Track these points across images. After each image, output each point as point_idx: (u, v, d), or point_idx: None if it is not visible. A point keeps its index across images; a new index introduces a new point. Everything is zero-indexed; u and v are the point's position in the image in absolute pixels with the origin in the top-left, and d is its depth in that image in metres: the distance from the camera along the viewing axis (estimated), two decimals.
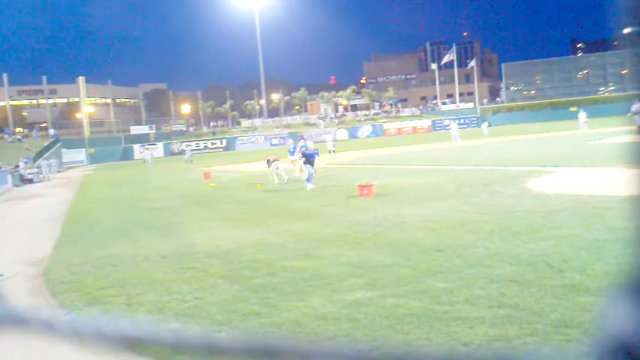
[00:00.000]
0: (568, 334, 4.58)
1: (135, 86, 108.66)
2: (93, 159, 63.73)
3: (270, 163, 20.80)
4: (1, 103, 77.97)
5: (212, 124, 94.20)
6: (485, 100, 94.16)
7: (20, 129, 75.53)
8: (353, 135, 72.76)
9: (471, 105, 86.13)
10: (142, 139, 71.98)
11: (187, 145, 61.73)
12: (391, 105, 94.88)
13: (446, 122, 69.02)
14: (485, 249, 7.68)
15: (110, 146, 68.60)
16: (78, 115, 77.16)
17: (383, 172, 21.60)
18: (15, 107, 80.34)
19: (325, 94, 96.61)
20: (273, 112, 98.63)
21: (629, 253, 0.54)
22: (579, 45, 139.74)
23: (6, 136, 64.00)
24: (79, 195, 24.71)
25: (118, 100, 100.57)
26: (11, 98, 78.67)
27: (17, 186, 33.90)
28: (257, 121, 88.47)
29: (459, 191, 14.12)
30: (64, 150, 61.62)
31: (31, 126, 76.51)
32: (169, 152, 67.96)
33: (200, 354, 0.66)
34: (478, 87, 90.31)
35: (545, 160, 19.65)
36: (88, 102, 79.62)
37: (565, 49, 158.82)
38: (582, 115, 41.19)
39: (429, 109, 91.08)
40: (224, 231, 11.37)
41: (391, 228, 10.02)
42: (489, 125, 56.20)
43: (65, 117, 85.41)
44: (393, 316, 5.41)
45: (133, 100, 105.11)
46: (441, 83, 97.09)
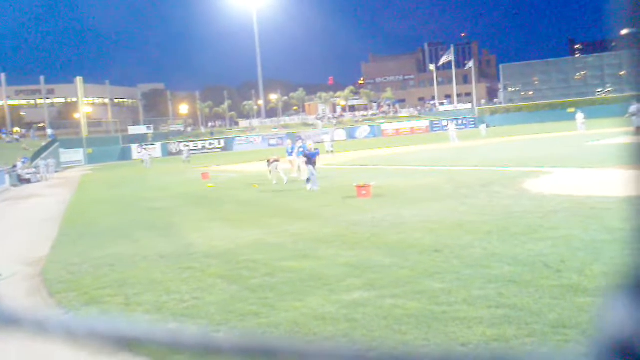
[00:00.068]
0: (566, 334, 4.59)
1: (133, 86, 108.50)
2: (91, 159, 63.70)
3: (270, 163, 20.79)
4: None
5: (210, 124, 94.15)
6: (483, 101, 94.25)
7: (18, 129, 75.38)
8: (351, 135, 72.82)
9: (469, 106, 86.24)
10: (140, 139, 71.95)
11: (185, 145, 61.72)
12: (389, 105, 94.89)
13: (444, 123, 69.13)
14: (483, 250, 7.69)
15: (108, 146, 68.57)
16: (76, 115, 77.07)
17: (381, 173, 21.61)
18: (13, 107, 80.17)
19: (323, 95, 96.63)
20: (271, 113, 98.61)
21: (627, 254, 0.54)
22: (577, 46, 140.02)
23: (4, 136, 63.86)
24: (77, 195, 24.68)
25: (116, 100, 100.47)
26: (9, 98, 78.44)
27: (15, 186, 33.85)
28: (255, 121, 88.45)
29: (457, 192, 14.14)
30: (62, 150, 61.57)
31: (29, 126, 76.40)
32: (167, 152, 67.95)
33: (197, 354, 0.66)
34: (476, 88, 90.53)
35: (543, 161, 19.68)
36: (86, 102, 79.58)
37: (563, 50, 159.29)
38: (580, 116, 41.25)
39: (427, 110, 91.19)
40: (222, 231, 11.37)
41: (389, 228, 10.03)
42: (487, 126, 56.27)
43: (63, 117, 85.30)
44: (391, 316, 5.41)
45: (131, 100, 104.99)
46: (439, 84, 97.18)
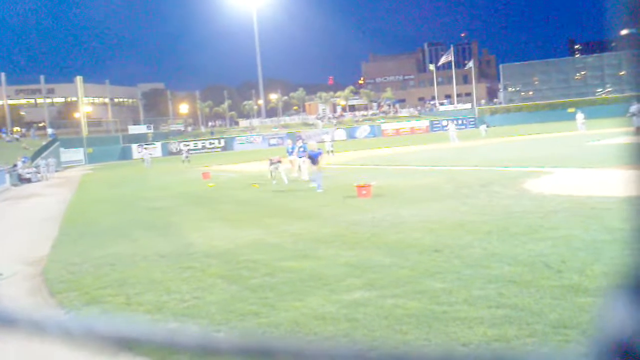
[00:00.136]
0: (567, 335, 4.59)
1: (133, 86, 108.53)
2: (91, 159, 63.72)
3: (272, 163, 20.78)
4: None
5: (210, 124, 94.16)
6: (483, 101, 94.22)
7: (18, 128, 75.35)
8: (351, 135, 72.84)
9: (469, 106, 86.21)
10: (140, 139, 71.97)
11: (185, 145, 61.73)
12: (389, 105, 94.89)
13: (444, 123, 69.13)
14: (483, 250, 7.69)
15: (108, 146, 68.59)
16: (76, 114, 77.12)
17: (381, 173, 21.60)
18: (13, 107, 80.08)
19: (323, 94, 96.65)
20: (271, 112, 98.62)
21: (627, 254, 0.54)
22: (577, 46, 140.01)
23: (4, 135, 63.81)
24: (77, 194, 24.68)
25: (116, 99, 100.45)
26: (9, 97, 78.39)
27: (15, 185, 33.86)
28: (255, 121, 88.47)
29: (457, 192, 14.14)
30: (62, 149, 61.59)
31: (29, 125, 76.40)
32: (167, 152, 67.96)
33: (196, 354, 0.66)
34: (476, 88, 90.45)
35: (543, 161, 19.67)
36: (86, 102, 79.59)
37: (563, 50, 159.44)
38: (580, 116, 41.23)
39: (427, 110, 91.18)
40: (222, 231, 11.37)
41: (389, 228, 10.03)
42: (487, 126, 56.23)
43: (63, 117, 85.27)
44: (392, 316, 5.41)
45: (131, 99, 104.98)
46: (439, 84, 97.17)
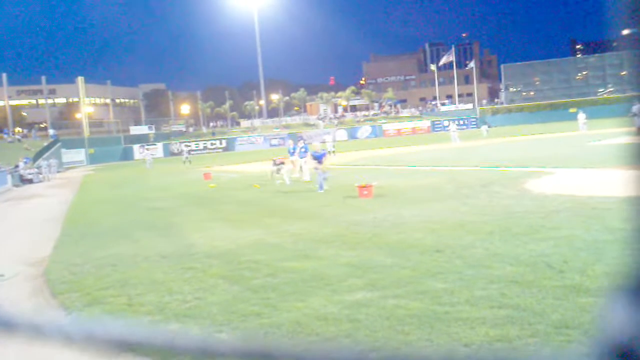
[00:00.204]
0: (569, 335, 4.59)
1: (134, 86, 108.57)
2: (93, 159, 63.74)
3: (276, 164, 20.76)
4: (0, 103, 77.89)
5: (212, 125, 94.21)
6: (484, 101, 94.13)
7: (19, 129, 75.47)
8: (352, 135, 72.81)
9: (470, 106, 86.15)
10: (142, 140, 72.00)
11: (186, 145, 61.76)
12: (390, 106, 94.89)
13: (445, 123, 69.07)
14: (485, 250, 7.69)
15: (109, 146, 68.64)
16: (77, 115, 77.14)
17: (382, 173, 21.60)
18: (14, 107, 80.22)
19: (324, 95, 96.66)
20: (272, 113, 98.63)
21: (628, 254, 0.54)
22: (578, 46, 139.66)
23: (5, 136, 63.92)
24: (79, 195, 24.70)
25: (117, 100, 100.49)
26: (10, 98, 78.58)
27: (17, 186, 33.89)
28: (257, 122, 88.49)
29: (458, 192, 14.13)
30: (64, 150, 61.61)
31: (30, 126, 76.42)
32: (169, 153, 67.98)
33: (197, 357, 0.66)
34: (477, 88, 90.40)
35: (544, 161, 19.66)
36: (87, 102, 79.61)
37: (564, 50, 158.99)
38: (582, 116, 41.22)
39: (428, 110, 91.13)
40: (224, 231, 11.37)
41: (390, 229, 10.03)
42: (489, 126, 56.19)
43: (64, 117, 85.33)
44: (394, 317, 5.41)
45: (132, 100, 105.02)
46: (440, 84, 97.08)
